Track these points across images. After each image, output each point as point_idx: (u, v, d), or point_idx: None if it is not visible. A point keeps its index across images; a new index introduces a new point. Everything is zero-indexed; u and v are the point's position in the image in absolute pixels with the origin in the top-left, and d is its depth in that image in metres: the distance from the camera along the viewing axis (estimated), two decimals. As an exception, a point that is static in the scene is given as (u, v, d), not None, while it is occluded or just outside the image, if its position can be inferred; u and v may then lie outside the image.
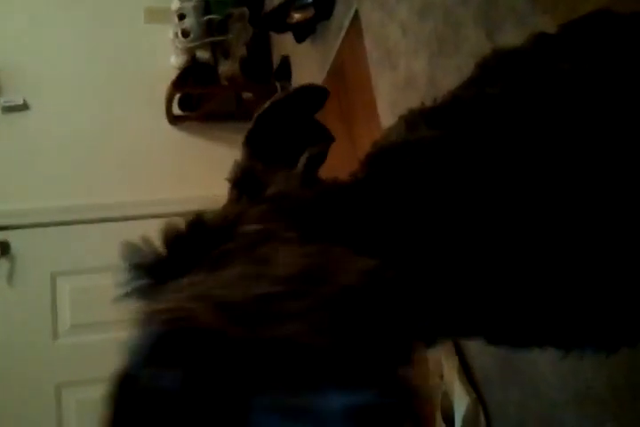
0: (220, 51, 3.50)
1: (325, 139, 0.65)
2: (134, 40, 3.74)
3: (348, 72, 2.49)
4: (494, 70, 0.69)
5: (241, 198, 0.62)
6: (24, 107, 3.51)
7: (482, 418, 1.60)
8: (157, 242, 0.53)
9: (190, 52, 3.45)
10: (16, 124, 3.47)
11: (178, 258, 0.51)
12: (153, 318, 0.45)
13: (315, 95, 0.66)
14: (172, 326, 0.43)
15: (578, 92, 0.61)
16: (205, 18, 3.37)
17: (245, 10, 3.44)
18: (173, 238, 0.53)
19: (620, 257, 0.58)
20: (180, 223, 0.53)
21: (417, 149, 0.62)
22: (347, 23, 2.38)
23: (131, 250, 0.53)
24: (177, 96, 3.53)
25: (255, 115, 0.63)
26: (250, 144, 0.65)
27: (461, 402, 1.63)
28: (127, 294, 0.51)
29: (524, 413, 1.44)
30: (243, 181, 0.63)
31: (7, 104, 3.47)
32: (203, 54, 3.57)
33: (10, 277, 3.18)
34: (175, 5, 3.44)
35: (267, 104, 0.64)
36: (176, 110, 3.60)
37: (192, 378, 0.41)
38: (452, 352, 1.71)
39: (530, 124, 0.60)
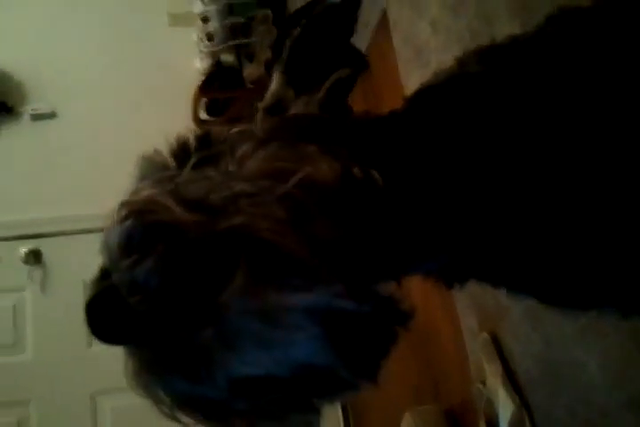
0: (245, 54, 3.49)
1: (359, 64, 0.64)
2: (159, 44, 3.72)
3: (377, 72, 2.45)
4: (558, 21, 0.67)
5: None
6: (52, 115, 3.52)
7: (528, 425, 1.55)
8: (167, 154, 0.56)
9: (215, 56, 3.44)
10: (45, 131, 3.49)
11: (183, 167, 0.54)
12: (124, 208, 0.48)
13: (345, 13, 0.67)
14: (138, 218, 0.46)
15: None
16: (229, 21, 3.35)
17: (269, 12, 3.42)
18: (180, 150, 0.56)
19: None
20: (190, 136, 0.57)
21: (459, 83, 0.61)
22: (374, 22, 2.34)
23: (145, 162, 0.56)
24: (203, 101, 3.51)
25: (287, 42, 0.62)
26: (285, 72, 0.63)
27: (506, 409, 1.58)
28: None
29: (572, 419, 1.40)
30: (274, 109, 0.63)
31: (35, 112, 3.49)
32: (227, 58, 3.56)
33: (43, 285, 3.19)
34: (198, 9, 3.43)
35: (298, 30, 0.63)
36: (203, 115, 3.58)
37: (160, 271, 0.43)
38: (495, 357, 1.67)
39: (579, 72, 0.58)
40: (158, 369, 0.47)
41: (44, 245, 3.24)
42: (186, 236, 0.45)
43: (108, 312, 0.45)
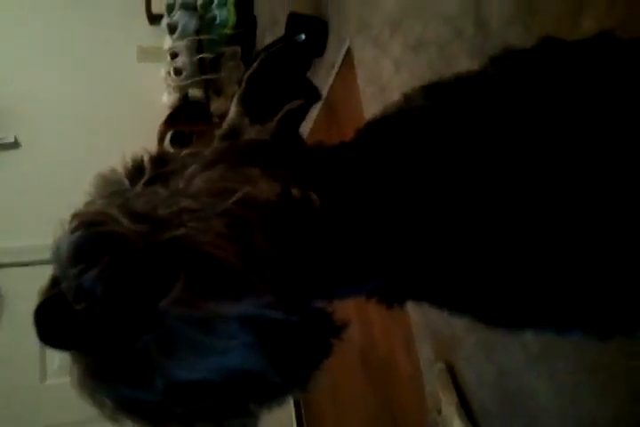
0: (213, 88, 3.54)
1: (312, 96, 0.67)
2: (127, 78, 3.77)
3: (341, 108, 2.51)
4: (501, 61, 0.72)
5: None
6: (15, 145, 3.51)
7: (483, 454, 1.57)
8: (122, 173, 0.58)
9: (182, 90, 3.48)
10: (7, 162, 3.47)
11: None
12: (75, 219, 0.51)
13: (303, 49, 0.70)
14: (87, 229, 0.48)
15: (571, 90, 0.62)
16: (198, 56, 3.41)
17: (237, 48, 3.49)
18: (135, 169, 0.58)
19: (614, 241, 0.59)
20: (145, 156, 0.59)
21: (404, 116, 0.64)
22: (339, 60, 2.41)
23: (100, 179, 0.59)
24: (169, 133, 3.54)
25: (245, 75, 0.64)
26: (241, 101, 0.67)
27: (461, 437, 1.60)
28: None
29: (525, 447, 1.42)
30: (229, 136, 0.66)
31: (-1, 142, 3.47)
32: (195, 92, 3.60)
33: (-2, 317, 3.14)
34: (168, 44, 3.49)
35: (256, 64, 0.66)
36: (168, 147, 3.60)
37: (105, 279, 0.45)
38: (450, 387, 1.69)
39: (519, 105, 0.62)
40: (100, 374, 0.49)
41: (0, 276, 3.19)
42: (130, 246, 0.47)
43: (55, 318, 0.46)
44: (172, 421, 0.52)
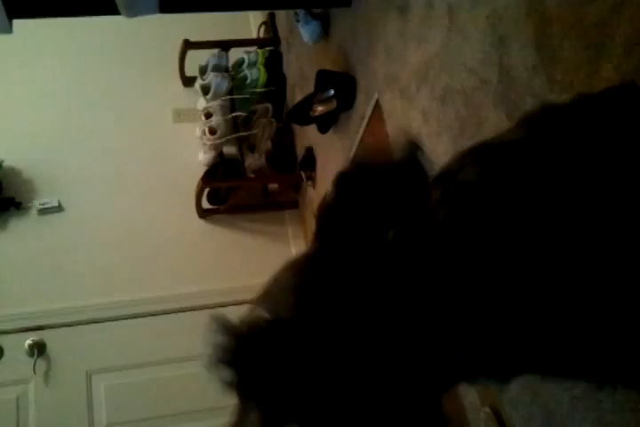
0: (246, 145, 3.63)
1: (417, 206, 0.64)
2: (163, 139, 3.90)
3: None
4: (539, 121, 0.75)
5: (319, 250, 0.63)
6: (59, 208, 3.63)
7: None
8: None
9: (217, 149, 3.57)
10: (51, 225, 3.58)
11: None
12: None
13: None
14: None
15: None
16: (231, 115, 3.51)
17: (269, 105, 3.59)
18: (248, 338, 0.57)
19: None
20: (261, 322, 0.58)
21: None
22: (369, 112, 2.47)
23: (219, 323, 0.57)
24: (206, 191, 3.62)
25: (336, 180, 0.62)
26: (339, 188, 0.62)
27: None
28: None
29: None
30: (327, 227, 0.64)
31: (43, 206, 3.59)
32: (229, 149, 3.70)
33: (46, 376, 3.18)
34: (201, 105, 3.61)
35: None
36: (205, 204, 3.69)
37: None
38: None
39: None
40: None
41: (47, 337, 3.26)
42: None
43: None
44: None
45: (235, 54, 3.72)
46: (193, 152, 3.69)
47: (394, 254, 0.58)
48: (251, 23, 4.28)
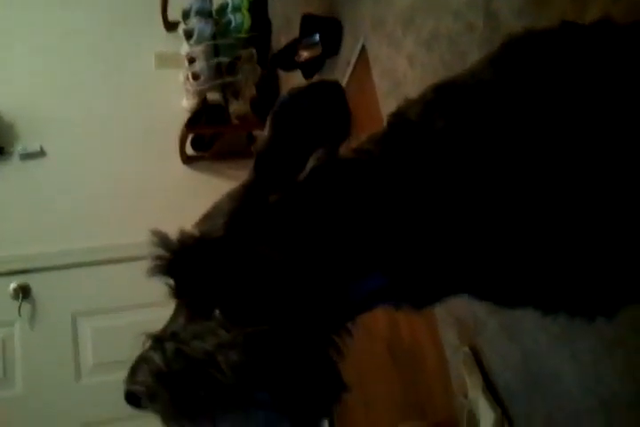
0: (231, 91, 3.60)
1: (341, 134, 0.73)
2: (146, 85, 3.85)
3: (357, 105, 2.57)
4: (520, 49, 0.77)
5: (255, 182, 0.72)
6: (41, 154, 3.60)
7: (509, 434, 1.61)
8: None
9: (201, 95, 3.54)
10: (33, 170, 3.57)
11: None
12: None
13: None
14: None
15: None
16: (215, 60, 3.47)
17: (253, 51, 3.55)
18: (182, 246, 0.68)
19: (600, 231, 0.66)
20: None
21: (427, 141, 0.70)
22: (354, 58, 2.46)
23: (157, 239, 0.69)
24: (190, 137, 3.61)
25: (286, 94, 0.70)
26: (274, 127, 0.71)
27: (487, 419, 1.64)
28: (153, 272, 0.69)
29: (549, 425, 1.45)
30: (262, 162, 0.73)
31: (24, 152, 3.57)
32: (213, 96, 3.67)
33: (32, 319, 3.22)
34: (185, 50, 3.56)
35: (280, 106, 0.70)
36: (189, 150, 3.68)
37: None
38: (476, 370, 1.73)
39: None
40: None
41: (32, 280, 3.29)
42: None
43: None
44: None
45: (219, -2, 3.66)
46: (177, 98, 3.66)
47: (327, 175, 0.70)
48: (235, -34, 4.18)
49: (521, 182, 0.66)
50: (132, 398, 0.64)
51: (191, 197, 3.63)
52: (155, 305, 3.24)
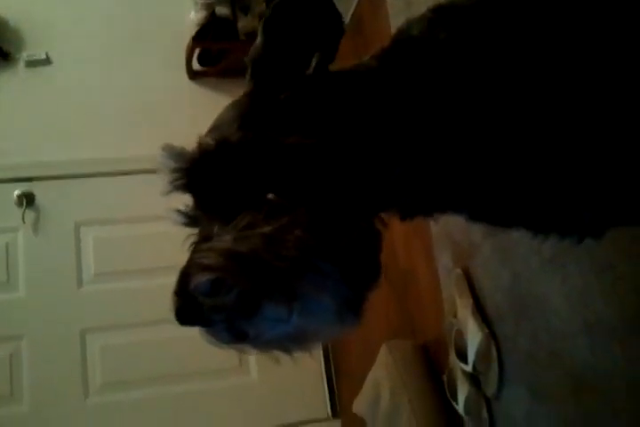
0: (240, 6, 3.51)
1: (335, 32, 0.73)
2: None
3: (368, 26, 2.52)
4: None
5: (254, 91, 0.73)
6: (47, 61, 3.56)
7: (493, 352, 1.67)
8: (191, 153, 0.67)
9: (210, 8, 3.45)
10: (39, 78, 3.53)
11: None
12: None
13: None
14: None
15: None
16: (225, -27, 3.37)
17: (266, -35, 3.44)
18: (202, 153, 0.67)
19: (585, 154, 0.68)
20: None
21: (431, 49, 0.71)
22: (368, -24, 2.40)
23: (171, 153, 0.68)
24: (197, 52, 3.55)
25: (272, 3, 0.69)
26: (266, 32, 0.71)
27: (474, 338, 1.69)
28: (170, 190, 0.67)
29: (534, 345, 1.50)
30: (258, 69, 0.73)
31: (30, 58, 3.52)
32: (222, 10, 3.58)
33: (35, 226, 3.28)
34: (195, -39, 3.45)
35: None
36: (196, 66, 3.63)
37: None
38: (467, 291, 1.78)
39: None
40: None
41: (36, 189, 3.32)
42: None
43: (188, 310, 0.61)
44: None
45: None
46: (185, 11, 3.57)
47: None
48: None
49: (514, 87, 0.68)
50: (189, 304, 0.61)
51: (197, 112, 3.60)
52: (158, 219, 3.28)
